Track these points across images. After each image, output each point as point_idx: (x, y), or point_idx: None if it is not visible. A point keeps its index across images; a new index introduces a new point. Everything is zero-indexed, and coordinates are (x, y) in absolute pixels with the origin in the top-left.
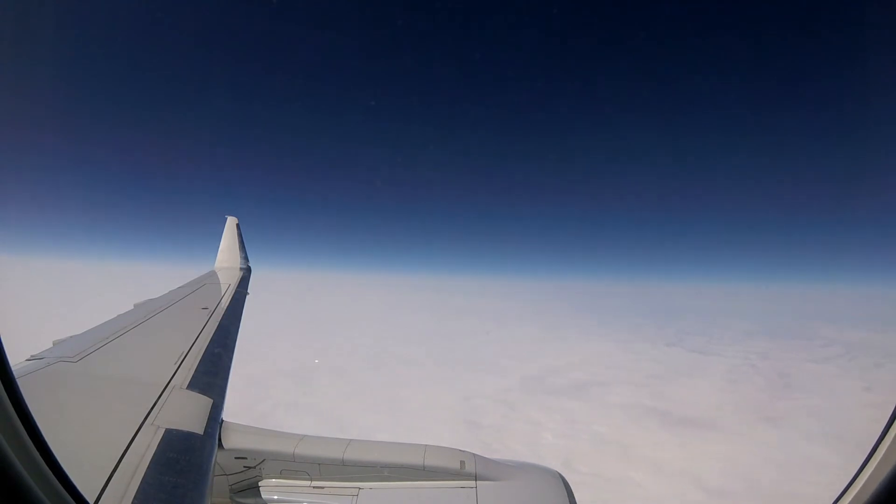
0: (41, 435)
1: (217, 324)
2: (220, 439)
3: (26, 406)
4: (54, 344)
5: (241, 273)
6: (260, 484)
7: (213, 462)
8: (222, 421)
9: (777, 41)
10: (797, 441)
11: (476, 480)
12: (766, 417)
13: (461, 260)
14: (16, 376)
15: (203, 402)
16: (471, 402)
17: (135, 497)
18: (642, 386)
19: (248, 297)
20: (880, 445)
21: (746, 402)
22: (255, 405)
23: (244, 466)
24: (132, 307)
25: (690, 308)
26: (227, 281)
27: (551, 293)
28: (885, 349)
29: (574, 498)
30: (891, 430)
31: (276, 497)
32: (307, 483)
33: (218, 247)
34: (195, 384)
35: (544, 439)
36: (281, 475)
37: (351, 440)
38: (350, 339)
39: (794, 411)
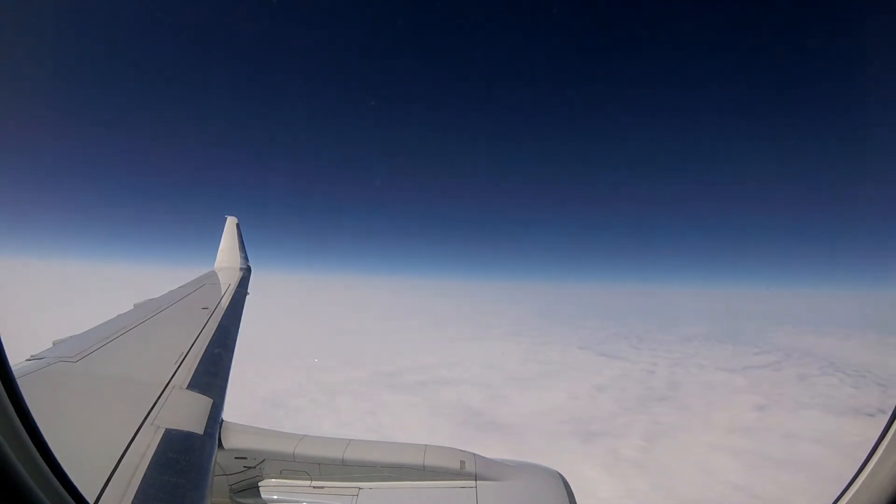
0: (41, 435)
1: (217, 324)
2: (220, 439)
3: (26, 406)
4: (54, 344)
5: (241, 273)
6: (260, 484)
7: (213, 462)
8: (222, 421)
9: (777, 42)
10: (590, 464)
11: (476, 480)
12: (589, 432)
13: (451, 262)
14: (16, 376)
15: (203, 402)
16: (300, 389)
17: (135, 497)
18: (491, 387)
19: (247, 297)
20: (880, 445)
21: (591, 412)
22: None
23: (244, 466)
24: (132, 307)
25: (656, 311)
26: (227, 281)
27: (526, 296)
28: (829, 358)
29: (574, 498)
30: (890, 430)
31: (276, 497)
32: (307, 483)
33: (218, 247)
34: (195, 384)
35: (321, 425)
36: (281, 475)
37: (351, 440)
38: (262, 333)
39: (632, 428)
